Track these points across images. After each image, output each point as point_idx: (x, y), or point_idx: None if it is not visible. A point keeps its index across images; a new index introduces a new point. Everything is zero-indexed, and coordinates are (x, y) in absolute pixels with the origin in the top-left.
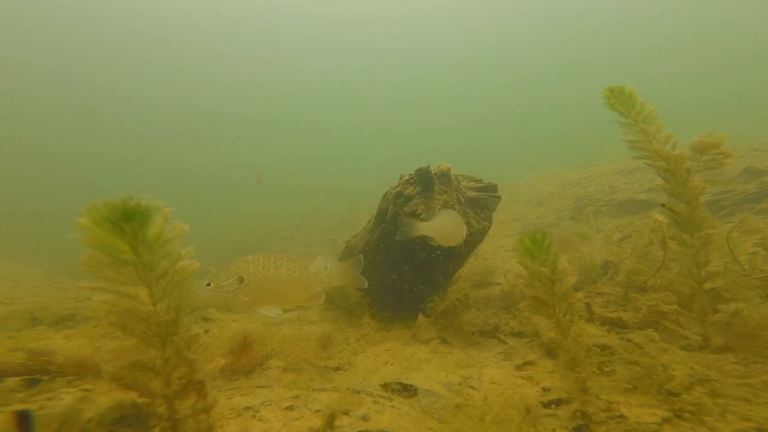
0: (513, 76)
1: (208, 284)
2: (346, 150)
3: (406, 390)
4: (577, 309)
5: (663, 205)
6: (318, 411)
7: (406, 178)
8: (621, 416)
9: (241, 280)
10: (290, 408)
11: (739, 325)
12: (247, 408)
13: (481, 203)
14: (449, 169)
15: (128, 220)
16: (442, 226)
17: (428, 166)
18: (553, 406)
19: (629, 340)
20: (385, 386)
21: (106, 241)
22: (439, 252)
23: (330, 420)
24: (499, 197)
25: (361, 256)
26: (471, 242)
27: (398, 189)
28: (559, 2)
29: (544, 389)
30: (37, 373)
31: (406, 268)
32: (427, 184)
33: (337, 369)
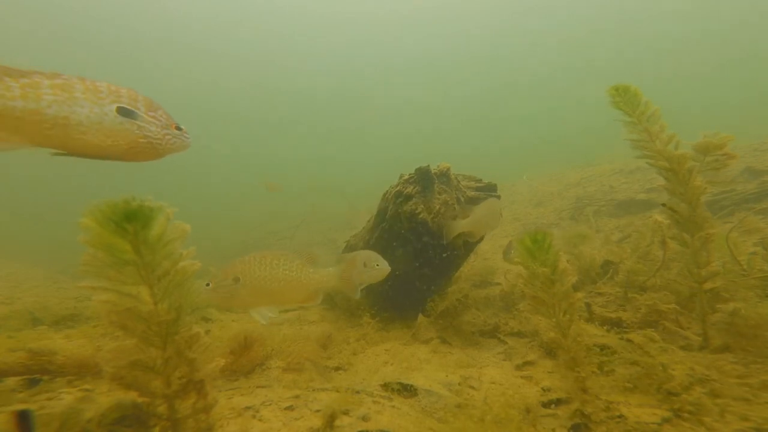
0: (513, 77)
1: (208, 284)
2: (346, 150)
3: (406, 390)
4: (577, 309)
5: (664, 205)
6: (318, 411)
7: (406, 177)
8: (621, 416)
9: (239, 280)
10: (290, 408)
11: (739, 325)
12: (247, 408)
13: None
14: (449, 169)
15: (131, 221)
16: (481, 217)
17: (428, 166)
18: (553, 405)
19: (629, 340)
20: (385, 386)
21: (108, 241)
22: (446, 254)
23: (330, 420)
24: (499, 197)
25: (356, 254)
26: (471, 242)
27: (398, 188)
28: (560, 3)
29: (544, 389)
30: (37, 373)
31: (416, 265)
32: (426, 184)
33: (337, 369)
